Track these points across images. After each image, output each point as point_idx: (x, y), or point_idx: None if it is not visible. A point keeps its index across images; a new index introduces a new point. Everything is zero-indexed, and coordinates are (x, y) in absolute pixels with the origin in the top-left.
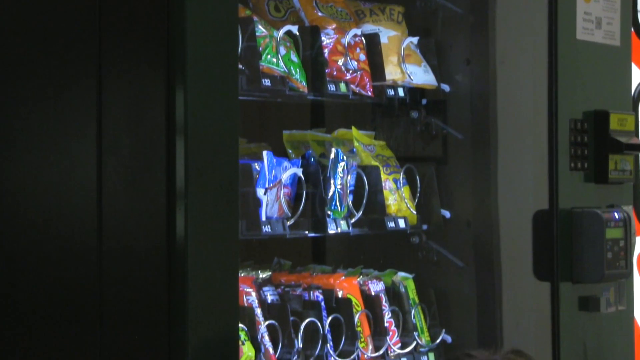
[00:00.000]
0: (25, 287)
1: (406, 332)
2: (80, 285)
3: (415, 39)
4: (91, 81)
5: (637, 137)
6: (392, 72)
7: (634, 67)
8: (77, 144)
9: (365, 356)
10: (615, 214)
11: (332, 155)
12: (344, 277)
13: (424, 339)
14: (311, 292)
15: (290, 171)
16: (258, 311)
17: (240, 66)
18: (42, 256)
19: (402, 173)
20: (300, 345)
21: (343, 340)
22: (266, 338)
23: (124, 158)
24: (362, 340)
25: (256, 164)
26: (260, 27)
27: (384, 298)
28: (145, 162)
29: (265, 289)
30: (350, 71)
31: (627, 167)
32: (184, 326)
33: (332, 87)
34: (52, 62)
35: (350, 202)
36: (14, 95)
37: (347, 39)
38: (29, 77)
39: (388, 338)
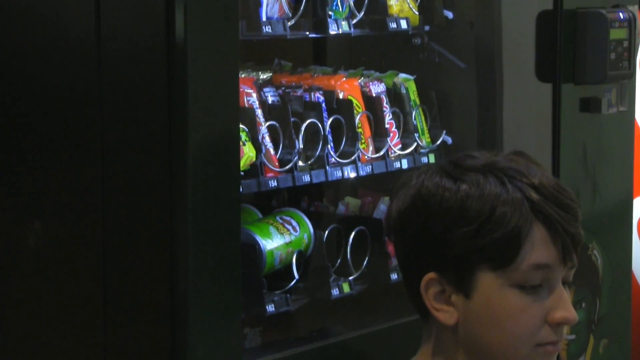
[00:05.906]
0: (25, 89)
1: (407, 133)
2: (80, 86)
3: None
4: None
5: None
6: None
7: None
8: None
9: (366, 157)
10: (620, 14)
11: None
12: (345, 79)
13: (424, 141)
14: (312, 93)
15: None
16: (259, 112)
17: None
18: (41, 57)
19: None
20: (301, 146)
21: (344, 141)
22: (267, 139)
23: None
24: (363, 141)
25: None
26: None
27: (384, 99)
28: None
29: (265, 89)
30: None
31: None
32: (185, 127)
33: None
34: None
35: (351, 2)
36: None
37: None
38: None
39: (389, 139)
